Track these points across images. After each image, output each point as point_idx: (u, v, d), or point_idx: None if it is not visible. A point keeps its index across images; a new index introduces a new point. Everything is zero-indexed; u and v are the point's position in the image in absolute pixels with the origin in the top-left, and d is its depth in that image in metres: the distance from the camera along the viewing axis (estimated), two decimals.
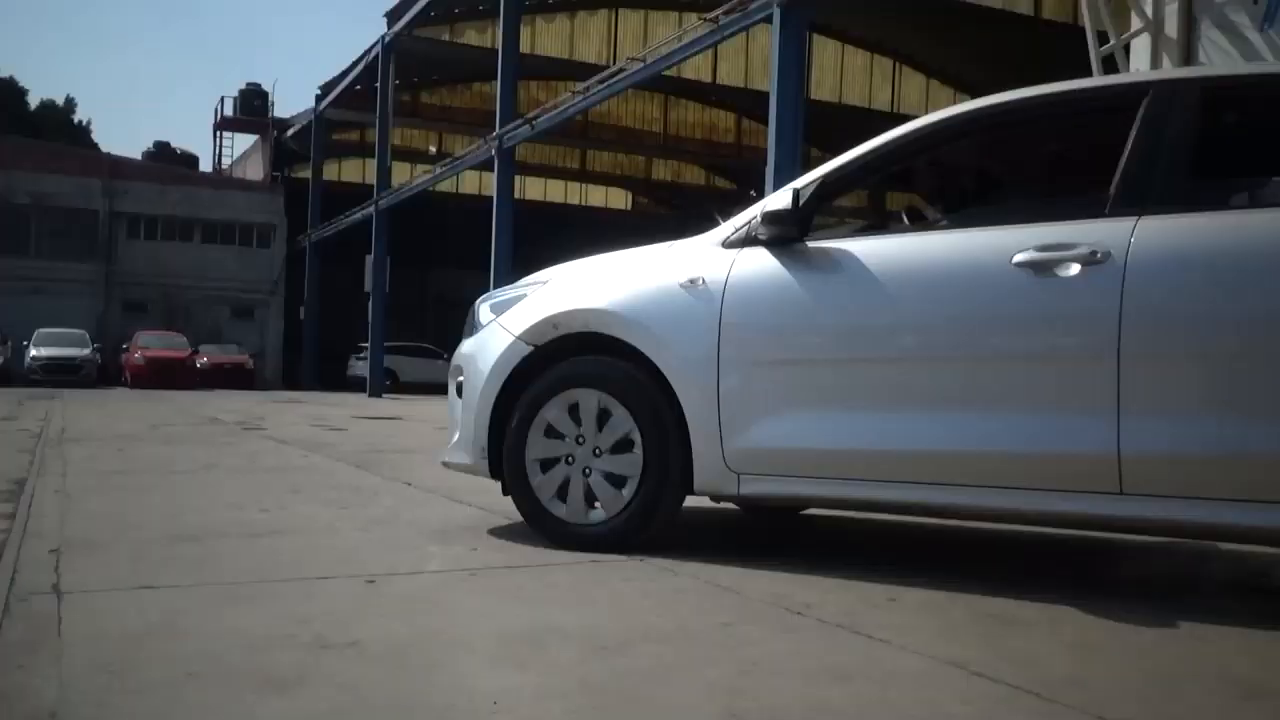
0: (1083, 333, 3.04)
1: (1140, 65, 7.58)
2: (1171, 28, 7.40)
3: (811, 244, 3.46)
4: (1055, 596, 3.04)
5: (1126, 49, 7.71)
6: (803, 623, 2.71)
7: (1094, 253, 3.02)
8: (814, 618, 2.75)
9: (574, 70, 27.94)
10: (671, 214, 41.04)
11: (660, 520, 3.59)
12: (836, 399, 3.36)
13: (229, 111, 40.24)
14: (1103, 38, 7.75)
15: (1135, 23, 7.62)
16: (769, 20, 11.15)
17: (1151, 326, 2.94)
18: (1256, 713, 2.09)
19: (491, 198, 20.24)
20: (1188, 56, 7.32)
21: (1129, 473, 2.93)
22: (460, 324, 4.34)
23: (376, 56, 27.53)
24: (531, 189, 39.85)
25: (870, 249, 3.40)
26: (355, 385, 29.84)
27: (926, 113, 3.75)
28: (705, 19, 13.60)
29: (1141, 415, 2.92)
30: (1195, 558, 3.95)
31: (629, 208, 44.20)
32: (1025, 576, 3.61)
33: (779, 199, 3.50)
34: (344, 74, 31.15)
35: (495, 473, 3.85)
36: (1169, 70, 6.80)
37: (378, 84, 27.61)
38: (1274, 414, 2.81)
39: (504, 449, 3.78)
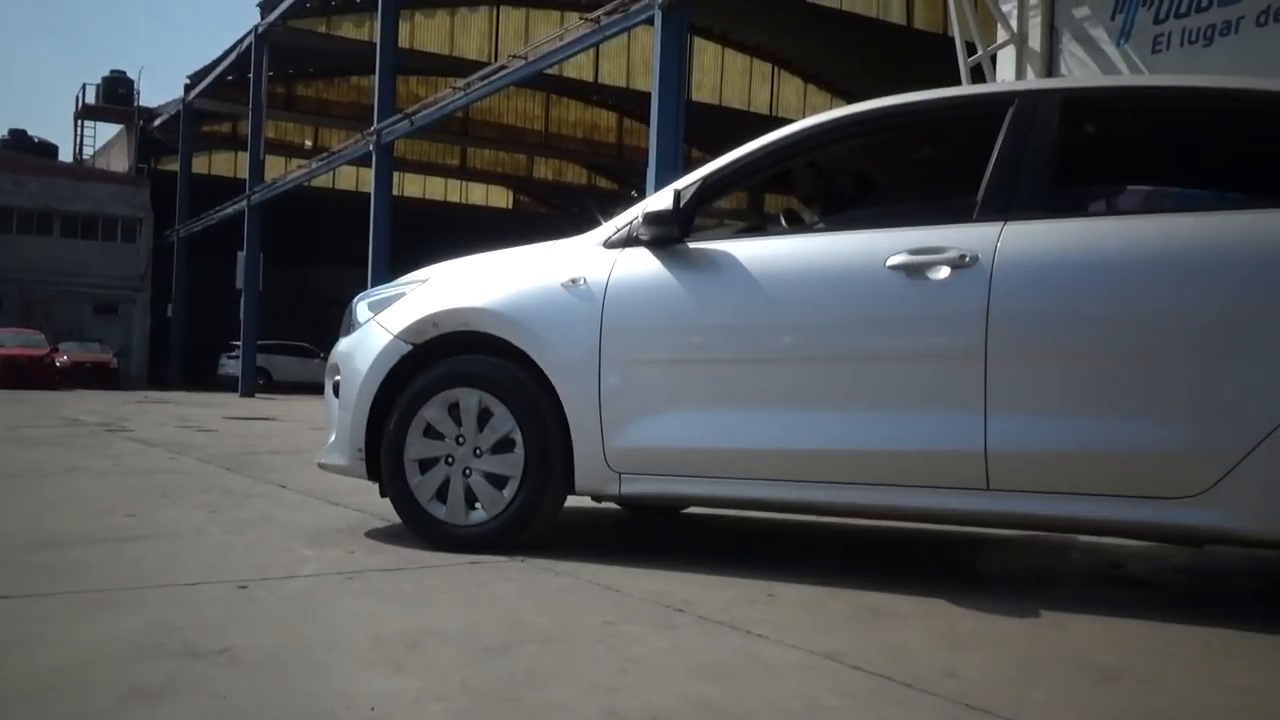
0: (952, 334, 3.13)
1: (1006, 75, 7.85)
2: (1035, 40, 7.69)
3: (692, 245, 3.49)
4: (927, 590, 3.13)
5: (993, 59, 7.98)
6: (683, 620, 2.73)
7: (963, 256, 3.11)
8: (694, 615, 2.77)
9: (455, 66, 27.66)
10: (553, 213, 40.96)
11: (541, 520, 3.58)
12: (716, 398, 3.39)
13: (91, 99, 38.61)
14: (971, 48, 8.01)
15: (1001, 35, 7.90)
16: (650, 21, 11.21)
17: (1016, 328, 3.05)
18: (1112, 696, 2.19)
19: (369, 194, 19.89)
20: (1050, 68, 7.62)
21: (995, 469, 3.04)
22: (337, 322, 4.25)
23: (249, 47, 26.76)
24: (411, 186, 39.29)
25: (749, 250, 3.45)
26: (226, 385, 28.98)
27: (804, 116, 3.83)
28: (587, 18, 13.61)
29: (1007, 414, 3.03)
30: (1057, 550, 4.11)
31: (510, 206, 43.94)
32: (899, 571, 3.71)
33: (660, 200, 3.52)
34: (215, 64, 30.20)
35: (373, 474, 3.79)
36: (1033, 81, 7.06)
37: (250, 75, 26.86)
38: (1130, 412, 2.94)
39: (382, 449, 3.71)
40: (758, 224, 4.35)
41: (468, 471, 3.61)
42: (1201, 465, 2.85)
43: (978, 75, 7.94)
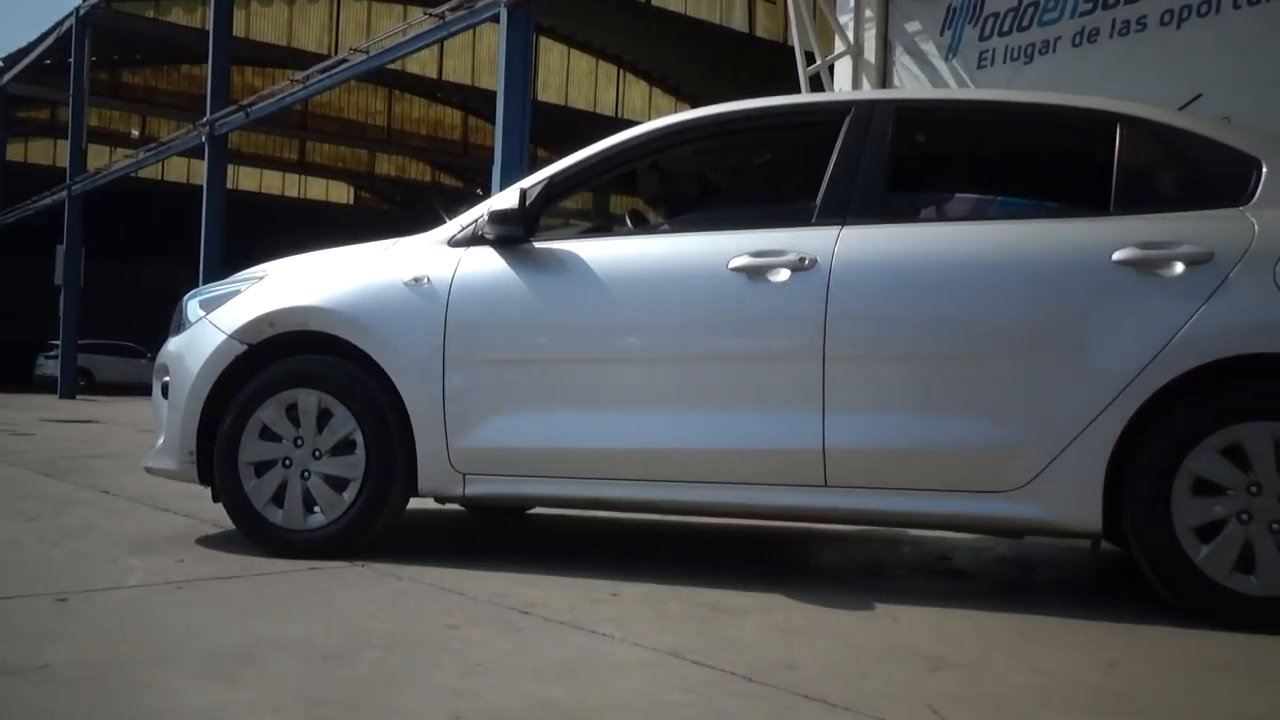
0: (792, 335, 3.22)
1: (843, 85, 8.10)
2: (870, 52, 7.95)
3: (538, 244, 3.49)
4: (767, 585, 3.21)
5: (831, 69, 8.22)
6: (528, 621, 2.72)
7: (802, 259, 3.20)
8: (539, 616, 2.77)
9: (293, 58, 26.83)
10: (396, 210, 40.20)
11: (383, 524, 3.51)
12: (561, 398, 3.40)
13: None
14: (810, 57, 8.23)
15: (838, 45, 8.15)
16: (496, 19, 11.13)
17: (852, 329, 3.16)
18: (941, 683, 2.29)
19: (202, 187, 19.12)
20: (884, 79, 7.90)
21: (833, 467, 3.14)
22: (166, 321, 4.07)
23: (70, 30, 25.36)
24: (246, 179, 37.92)
25: (595, 251, 3.46)
26: (45, 386, 27.38)
27: (649, 119, 3.87)
28: (431, 14, 13.40)
29: (844, 413, 3.14)
30: (889, 544, 4.26)
31: (351, 202, 42.89)
32: (740, 567, 3.79)
33: (505, 199, 3.50)
34: (32, 46, 28.47)
35: (205, 478, 3.64)
36: (868, 91, 7.32)
37: (72, 59, 25.45)
38: (956, 411, 3.08)
39: (215, 453, 3.58)
40: (603, 224, 4.38)
41: (306, 474, 3.51)
42: (1021, 462, 3.01)
43: (816, 84, 8.16)
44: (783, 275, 3.21)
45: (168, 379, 3.78)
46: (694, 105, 3.88)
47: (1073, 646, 2.65)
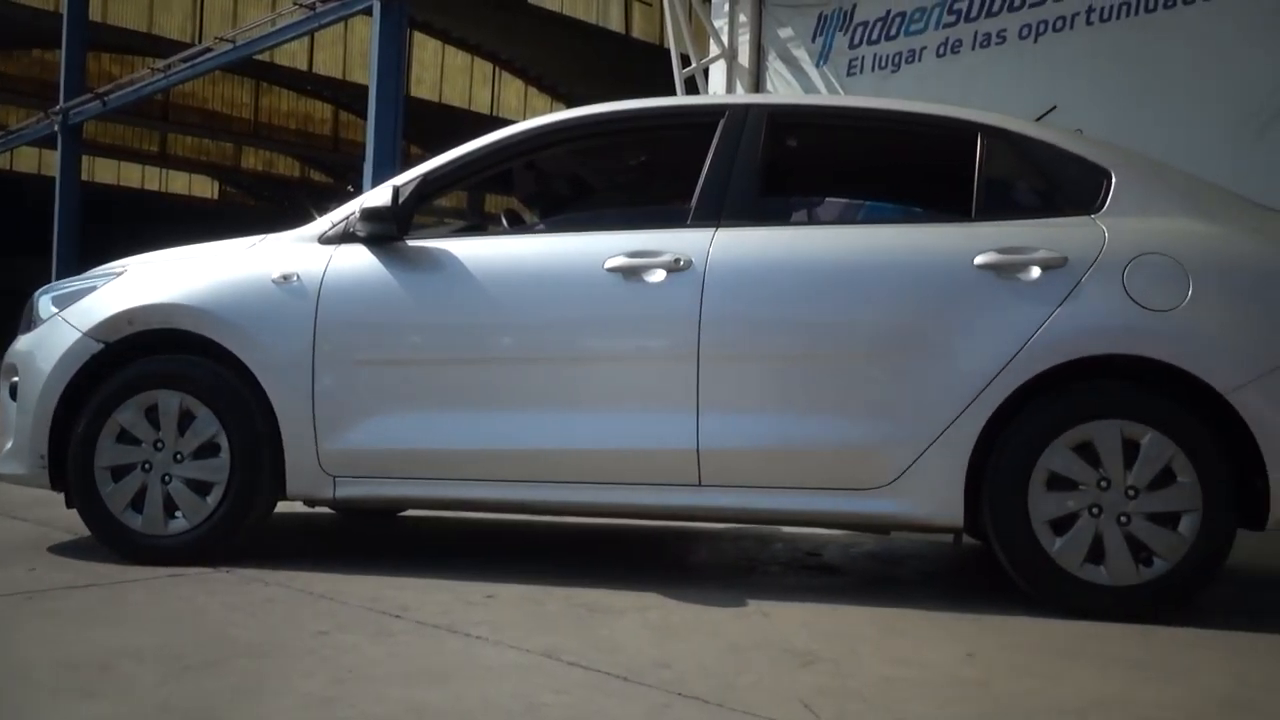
0: (667, 335, 3.25)
1: (718, 88, 8.20)
2: (744, 57, 8.07)
3: (411, 242, 3.44)
4: (642, 584, 3.23)
5: (706, 72, 8.32)
6: (400, 625, 2.68)
7: (677, 260, 3.23)
8: (412, 619, 2.73)
9: (154, 45, 25.84)
10: (263, 206, 39.08)
11: (249, 528, 3.41)
12: (435, 399, 3.35)
13: None
14: (686, 60, 8.31)
15: (713, 49, 8.25)
16: (369, 13, 10.92)
17: (726, 330, 3.20)
18: (811, 677, 2.34)
19: (55, 178, 18.25)
20: (758, 84, 8.03)
21: (706, 466, 3.18)
22: (14, 318, 3.87)
23: None
24: (103, 171, 36.37)
25: (469, 249, 3.43)
26: None
27: (525, 118, 3.85)
28: (301, 4, 13.08)
29: (717, 413, 3.18)
30: (761, 541, 4.34)
31: (216, 197, 41.52)
32: (615, 567, 3.80)
33: (378, 196, 3.44)
34: None
35: (57, 483, 3.48)
36: (742, 95, 7.43)
37: None
38: (826, 410, 3.15)
39: (69, 457, 3.42)
40: (478, 223, 4.34)
41: (167, 478, 3.38)
42: (888, 459, 3.09)
43: (692, 87, 8.24)
44: (658, 276, 3.23)
45: (16, 379, 3.59)
46: (570, 105, 3.87)
47: (935, 638, 2.74)
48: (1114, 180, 3.22)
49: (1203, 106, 5.82)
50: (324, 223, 3.56)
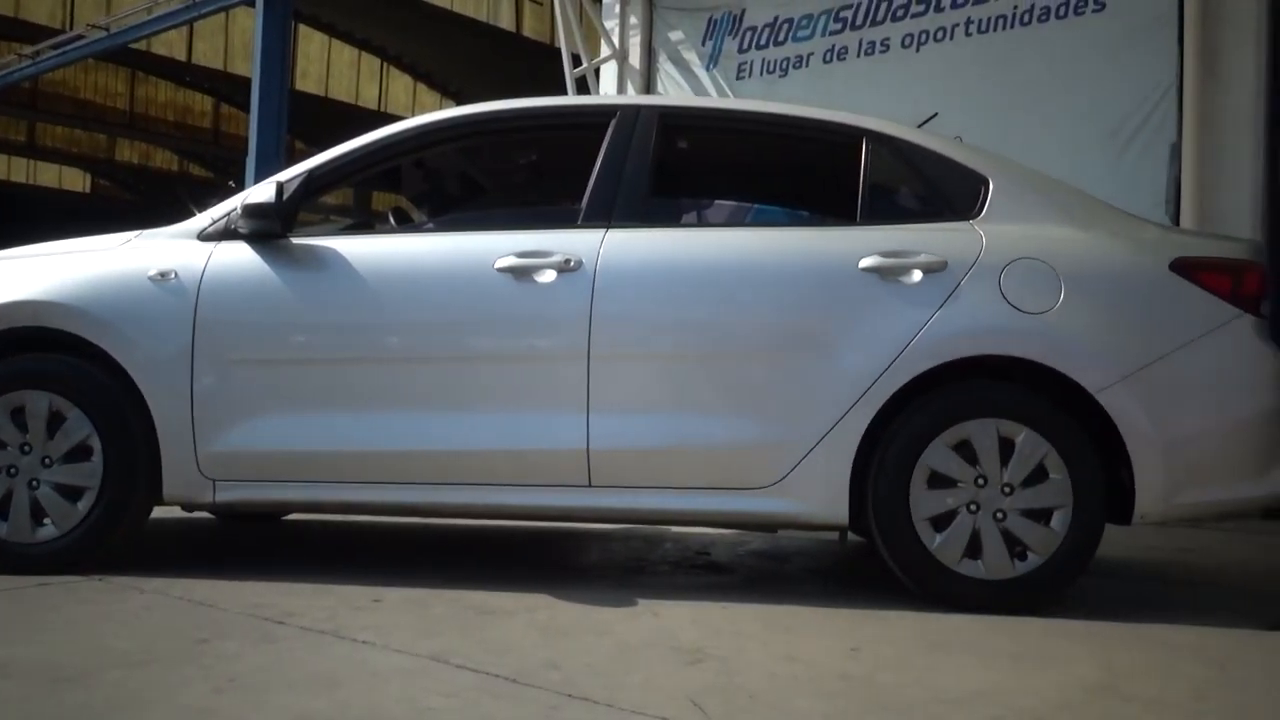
0: (558, 335, 3.24)
1: (609, 89, 8.22)
2: (635, 58, 8.12)
3: (295, 240, 3.36)
4: (532, 586, 3.21)
5: (597, 72, 8.33)
6: (284, 632, 2.62)
7: (567, 261, 3.23)
8: (296, 626, 2.67)
9: (21, 30, 24.73)
10: (139, 200, 37.74)
11: (123, 534, 3.29)
12: (320, 400, 3.29)
13: None
14: (577, 60, 8.31)
15: (604, 49, 8.27)
16: (251, 3, 10.65)
17: (616, 330, 3.21)
18: (699, 674, 2.36)
19: None
20: (649, 85, 8.07)
21: (596, 467, 3.18)
22: None
23: None
24: None
25: (356, 248, 3.37)
26: None
27: (414, 115, 3.80)
28: None
29: (607, 413, 3.18)
30: (651, 541, 4.36)
31: (88, 190, 39.94)
32: (505, 569, 3.78)
33: (261, 192, 3.35)
34: None
35: None
36: (633, 96, 7.46)
37: None
38: (715, 411, 3.19)
39: None
40: (365, 221, 4.27)
41: (34, 483, 3.24)
42: (775, 459, 3.14)
43: (583, 87, 8.25)
44: (548, 276, 3.23)
45: None
46: (460, 102, 3.84)
47: (821, 633, 2.79)
48: (991, 187, 3.33)
49: (1072, 118, 6.07)
50: (204, 219, 3.46)
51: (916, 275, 3.16)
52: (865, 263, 3.18)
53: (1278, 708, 2.23)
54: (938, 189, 3.40)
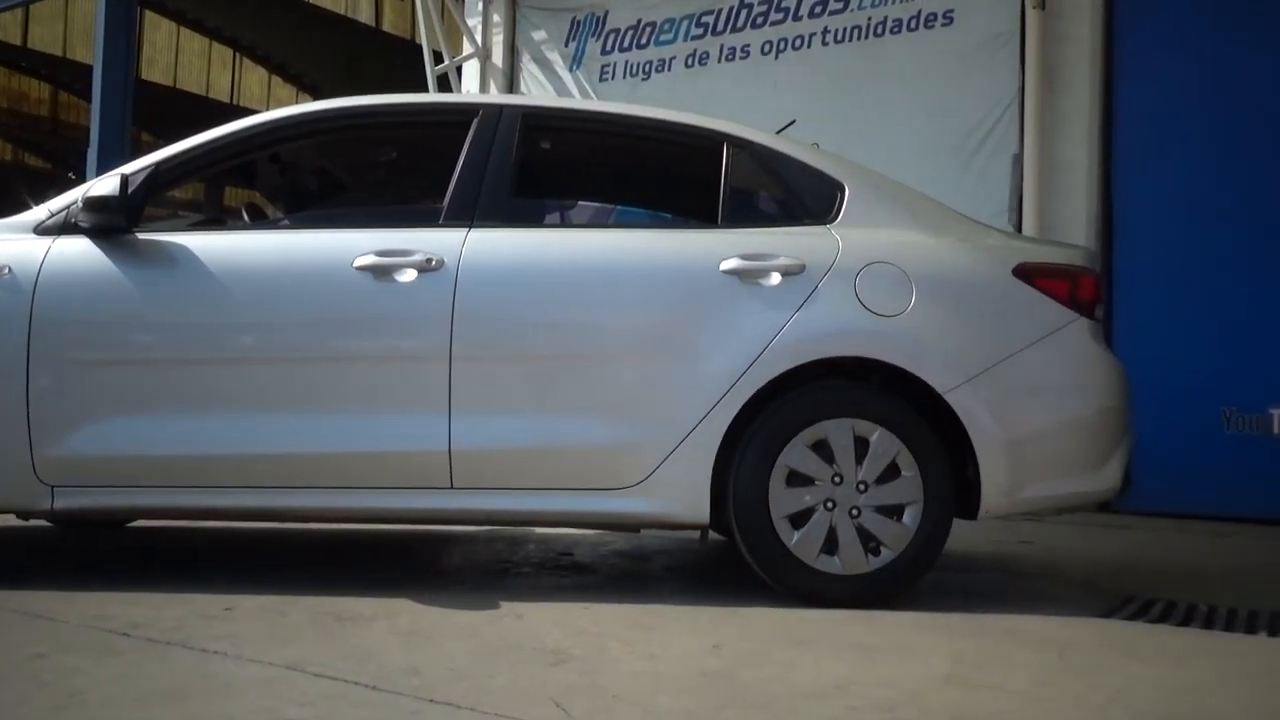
0: (419, 336, 3.20)
1: (471, 87, 8.14)
2: (498, 57, 8.06)
3: (142, 236, 3.23)
4: (391, 590, 3.16)
5: (459, 70, 8.24)
6: (130, 644, 2.51)
7: (429, 260, 3.19)
8: (143, 637, 2.56)
9: None
10: None
11: None
12: (168, 402, 3.16)
13: None
14: (438, 57, 8.20)
15: (467, 47, 8.18)
16: None
17: (478, 331, 3.19)
18: (562, 675, 2.36)
19: None
20: (512, 85, 8.03)
21: (459, 468, 3.15)
22: None
23: None
24: None
25: (207, 244, 3.25)
26: None
27: (269, 108, 3.70)
28: None
29: (470, 414, 3.16)
30: (513, 543, 4.34)
31: None
32: (364, 574, 3.71)
33: (105, 185, 3.21)
34: None
35: None
36: (495, 95, 7.41)
37: None
38: (578, 411, 3.19)
39: None
40: (217, 217, 4.12)
41: None
42: (638, 459, 3.17)
43: (444, 84, 8.15)
44: (409, 276, 3.18)
45: None
46: (317, 97, 3.75)
47: (683, 632, 2.82)
48: (847, 192, 3.42)
49: (923, 128, 6.29)
50: (41, 212, 3.29)
51: (776, 278, 3.22)
52: (726, 265, 3.23)
53: (1113, 692, 2.35)
54: (796, 194, 3.47)
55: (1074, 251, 3.65)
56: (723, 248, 3.27)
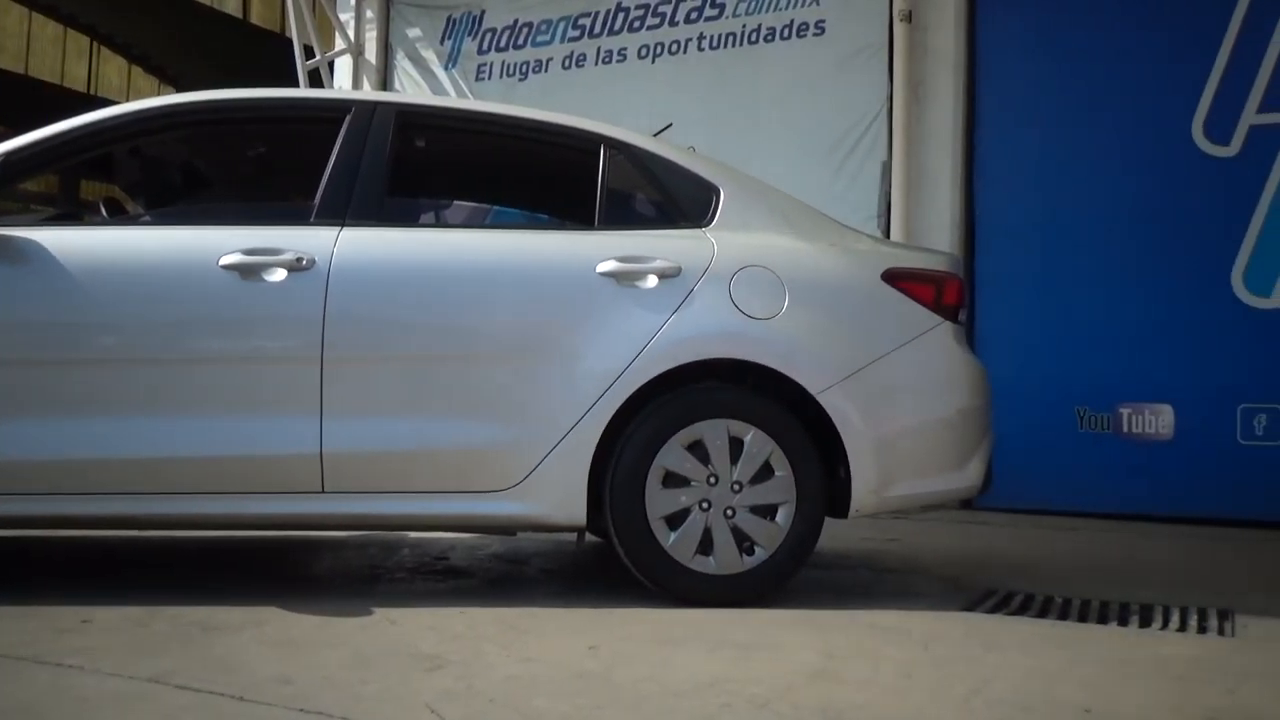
0: (289, 337, 3.12)
1: (344, 83, 7.98)
2: (371, 53, 7.91)
3: None
4: (260, 599, 3.07)
5: (331, 66, 8.07)
6: None
7: (300, 259, 3.12)
8: None
9: None
10: None
11: None
12: (19, 405, 3.01)
13: None
14: (310, 51, 8.02)
15: (339, 42, 8.02)
16: None
17: (351, 331, 3.13)
18: (438, 680, 2.33)
19: None
20: (386, 82, 7.89)
21: (330, 472, 3.08)
22: None
23: None
24: None
25: (61, 240, 3.11)
26: None
27: (129, 99, 3.56)
28: None
29: (342, 416, 3.10)
30: (387, 548, 4.27)
31: None
32: (231, 582, 3.60)
33: None
34: None
35: None
36: (369, 92, 7.27)
37: None
38: (453, 414, 3.16)
39: None
40: (72, 211, 3.95)
41: None
42: (514, 462, 3.15)
43: (316, 79, 7.97)
44: (279, 275, 3.10)
45: None
46: (181, 89, 3.63)
47: (559, 634, 2.82)
48: (722, 196, 3.47)
49: (795, 134, 6.42)
50: None
51: (652, 280, 3.25)
52: (603, 267, 3.24)
53: (974, 682, 2.44)
54: (672, 197, 3.50)
55: (939, 257, 3.77)
56: (599, 250, 3.28)
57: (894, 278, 3.41)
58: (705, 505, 3.19)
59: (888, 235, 6.01)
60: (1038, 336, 5.88)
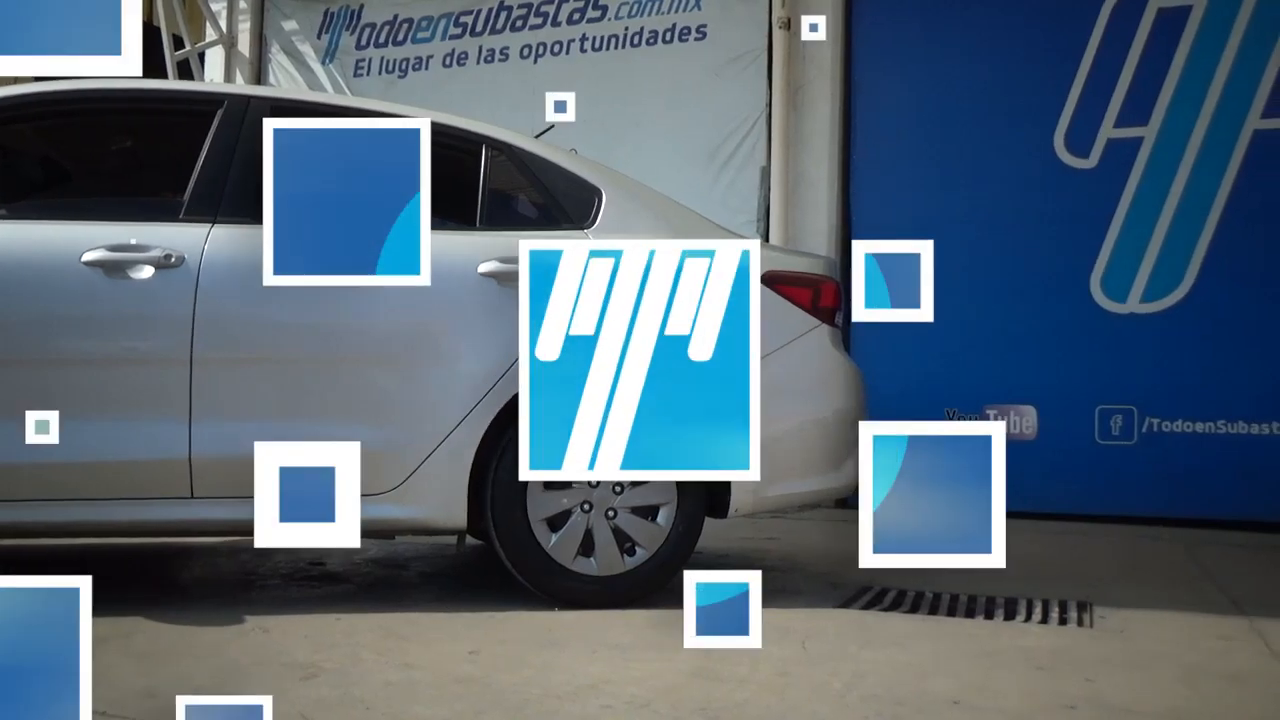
0: (157, 336, 3.02)
1: (215, 76, 7.75)
2: (244, 45, 7.70)
3: None
4: (126, 608, 2.97)
5: (202, 57, 7.83)
6: None
7: (168, 256, 3.01)
8: None
9: None
10: None
11: None
12: None
13: None
14: (179, 42, 7.76)
15: (210, 33, 7.78)
16: None
17: (223, 332, 3.04)
18: (313, 690, 2.28)
19: None
20: (260, 75, 7.69)
21: (200, 476, 2.99)
22: None
23: None
24: None
25: None
26: None
27: None
28: None
29: (212, 419, 3.00)
30: (260, 554, 4.15)
31: None
32: (96, 591, 3.44)
33: None
34: None
35: None
36: (244, 86, 7.07)
37: None
38: (331, 415, 3.09)
39: None
40: None
41: None
42: (393, 464, 3.10)
43: (185, 71, 7.72)
44: (145, 273, 2.99)
45: None
46: (41, 79, 3.46)
47: (438, 639, 2.79)
48: (604, 198, 3.48)
49: (677, 138, 6.49)
50: None
51: None
52: (484, 268, 3.21)
53: (849, 678, 2.50)
54: (554, 198, 3.50)
55: (817, 261, 3.85)
56: (481, 250, 3.26)
57: (772, 281, 3.47)
58: (587, 507, 3.19)
59: (767, 239, 6.11)
60: (909, 340, 6.05)
